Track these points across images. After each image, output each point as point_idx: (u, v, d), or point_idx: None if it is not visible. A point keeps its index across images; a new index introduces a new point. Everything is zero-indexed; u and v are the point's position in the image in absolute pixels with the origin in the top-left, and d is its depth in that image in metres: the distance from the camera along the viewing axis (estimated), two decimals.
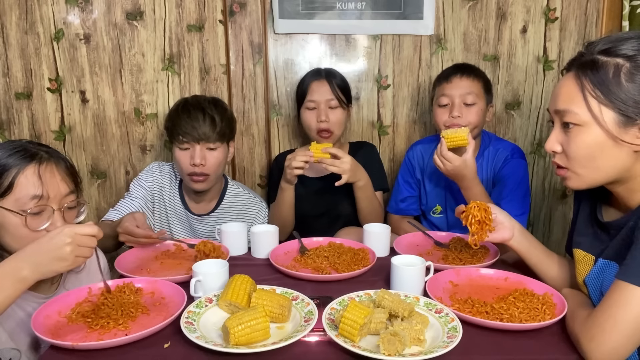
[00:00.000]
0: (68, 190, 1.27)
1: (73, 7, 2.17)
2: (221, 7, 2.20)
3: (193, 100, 1.87)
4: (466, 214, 1.34)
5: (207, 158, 1.80)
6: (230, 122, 1.88)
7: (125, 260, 1.51)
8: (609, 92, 1.05)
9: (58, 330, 1.11)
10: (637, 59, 1.04)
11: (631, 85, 1.04)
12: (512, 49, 2.27)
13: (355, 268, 1.43)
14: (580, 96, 1.09)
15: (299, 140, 2.35)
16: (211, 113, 1.80)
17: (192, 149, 1.79)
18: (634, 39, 1.07)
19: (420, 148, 2.09)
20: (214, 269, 1.33)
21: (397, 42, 2.27)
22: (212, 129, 1.79)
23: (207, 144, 1.79)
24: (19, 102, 2.24)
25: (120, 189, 2.35)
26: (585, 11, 2.24)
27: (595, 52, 1.09)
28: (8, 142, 1.29)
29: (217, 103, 1.88)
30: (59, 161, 1.27)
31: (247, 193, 2.02)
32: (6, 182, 1.19)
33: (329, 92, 2.00)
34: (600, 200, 1.22)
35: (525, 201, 1.84)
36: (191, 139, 1.78)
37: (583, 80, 1.09)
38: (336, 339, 1.04)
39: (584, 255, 1.23)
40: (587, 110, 1.08)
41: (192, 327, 1.10)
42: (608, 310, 1.01)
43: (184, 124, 1.78)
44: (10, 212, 1.19)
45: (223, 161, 1.87)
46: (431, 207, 2.04)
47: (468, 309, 1.19)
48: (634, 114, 1.04)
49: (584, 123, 1.09)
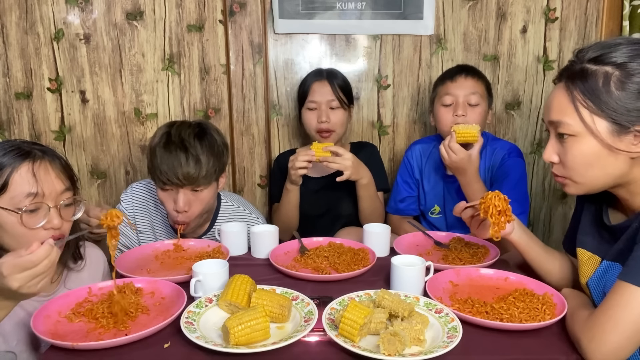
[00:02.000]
0: (63, 188, 1.26)
1: (73, 7, 2.17)
2: (221, 7, 2.20)
3: (176, 134, 1.60)
4: (485, 205, 1.27)
5: (192, 202, 1.60)
6: (219, 158, 1.64)
7: (125, 260, 1.50)
8: (600, 102, 1.05)
9: (58, 330, 1.11)
10: (626, 66, 1.03)
11: (622, 93, 1.03)
12: (512, 49, 2.27)
13: (355, 268, 1.43)
14: (571, 107, 1.08)
15: (299, 140, 2.35)
16: (196, 153, 1.56)
17: (175, 193, 1.59)
18: (624, 45, 1.05)
19: (419, 148, 2.09)
20: (214, 269, 1.33)
21: (397, 42, 2.27)
22: (197, 171, 1.55)
23: (192, 186, 1.58)
24: (19, 102, 2.24)
25: (120, 189, 2.35)
26: (585, 11, 2.24)
27: (585, 61, 1.08)
28: (3, 142, 1.29)
29: (204, 136, 1.62)
30: (53, 159, 1.27)
31: (243, 209, 1.85)
32: (0, 181, 1.19)
33: (330, 93, 2.00)
34: (606, 203, 1.22)
35: (524, 200, 1.84)
36: (172, 184, 1.56)
37: (573, 91, 1.08)
38: (336, 339, 1.04)
39: (589, 257, 1.22)
40: (580, 120, 1.07)
41: (192, 327, 1.10)
42: (609, 311, 1.00)
43: (164, 167, 1.55)
44: (6, 211, 1.19)
45: (211, 201, 1.68)
46: (429, 207, 2.04)
47: (468, 309, 1.19)
48: (627, 122, 1.04)
49: (578, 133, 1.08)
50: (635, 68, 1.03)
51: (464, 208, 1.38)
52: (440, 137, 1.99)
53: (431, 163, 2.04)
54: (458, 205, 1.40)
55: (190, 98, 2.28)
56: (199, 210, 1.63)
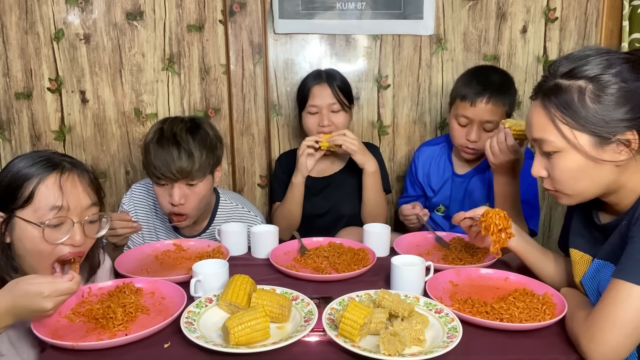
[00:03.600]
0: (90, 203, 1.23)
1: (73, 7, 2.17)
2: (221, 7, 2.20)
3: (168, 129, 1.63)
4: (487, 223, 1.30)
5: (188, 196, 1.62)
6: (212, 151, 1.65)
7: (125, 260, 1.50)
8: (578, 117, 1.06)
9: (58, 330, 1.11)
10: (599, 79, 1.04)
11: (598, 106, 1.04)
12: (512, 49, 2.27)
13: (355, 268, 1.43)
14: (551, 124, 1.09)
15: (299, 141, 2.35)
16: (188, 147, 1.58)
17: (170, 187, 1.61)
18: (593, 56, 1.06)
19: (426, 150, 2.08)
20: (214, 269, 1.33)
21: (397, 42, 2.27)
22: (191, 165, 1.57)
23: (186, 180, 1.60)
24: (19, 102, 2.24)
25: (120, 189, 2.35)
26: (585, 11, 2.24)
27: (558, 76, 1.09)
28: (33, 152, 1.26)
29: (196, 131, 1.65)
30: (82, 172, 1.24)
31: (241, 207, 1.86)
32: (26, 192, 1.16)
33: (331, 96, 1.97)
34: (595, 207, 1.23)
35: (536, 202, 1.84)
36: (166, 179, 1.59)
37: (550, 108, 1.09)
38: (336, 339, 1.04)
39: (581, 256, 1.23)
40: (561, 137, 1.09)
41: (192, 327, 1.10)
42: (606, 310, 1.01)
43: (157, 162, 1.57)
44: (29, 224, 1.16)
45: (207, 194, 1.69)
46: (435, 206, 2.04)
47: (468, 309, 1.19)
48: (607, 134, 1.04)
49: (562, 149, 1.09)
50: (608, 80, 1.04)
51: (463, 218, 1.39)
52: (448, 137, 1.98)
53: (439, 163, 2.04)
54: (457, 215, 1.41)
55: (190, 98, 2.28)
56: (195, 203, 1.65)
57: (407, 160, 2.39)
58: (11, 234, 1.19)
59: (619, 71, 1.04)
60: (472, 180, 1.94)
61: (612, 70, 1.04)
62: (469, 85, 1.81)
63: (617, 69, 1.04)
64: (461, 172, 1.97)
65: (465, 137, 1.83)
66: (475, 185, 1.93)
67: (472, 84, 1.80)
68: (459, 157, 1.97)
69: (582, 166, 1.08)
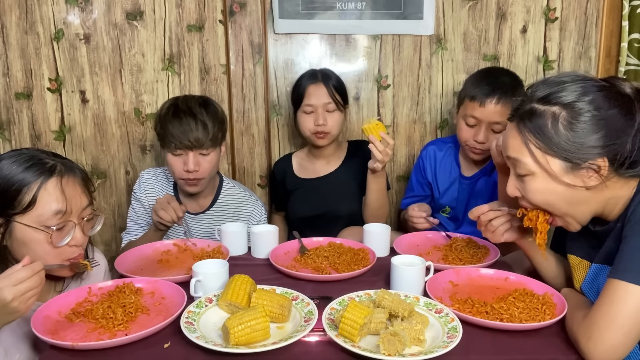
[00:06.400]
0: (87, 203, 1.26)
1: (73, 7, 2.17)
2: (221, 7, 2.20)
3: (183, 103, 1.80)
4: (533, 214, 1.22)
5: (201, 163, 1.77)
6: (222, 124, 1.84)
7: (125, 260, 1.50)
8: (550, 143, 1.07)
9: (58, 330, 1.11)
10: (574, 106, 1.06)
11: (571, 133, 1.06)
12: (512, 49, 2.27)
13: (355, 268, 1.43)
14: (525, 148, 1.11)
15: (298, 140, 2.35)
16: (203, 119, 1.75)
17: (185, 156, 1.76)
18: (569, 83, 1.08)
19: (433, 149, 2.07)
20: (214, 269, 1.33)
21: (397, 42, 2.27)
22: (205, 135, 1.74)
23: (200, 150, 1.76)
24: (19, 102, 2.24)
25: (121, 189, 2.35)
26: (585, 11, 2.24)
27: (534, 100, 1.10)
28: (14, 152, 1.23)
29: (208, 105, 1.82)
30: (75, 172, 1.25)
31: (243, 191, 2.00)
32: (27, 198, 1.16)
33: (326, 96, 1.97)
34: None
35: None
36: (184, 147, 1.74)
37: (525, 132, 1.11)
38: (336, 339, 1.05)
39: (578, 262, 1.24)
40: (534, 161, 1.10)
41: (192, 327, 1.10)
42: (603, 309, 1.02)
43: (175, 132, 1.73)
44: (33, 229, 1.17)
45: (216, 163, 1.85)
46: (441, 207, 2.04)
47: (468, 309, 1.19)
48: (579, 160, 1.06)
49: (533, 172, 1.11)
50: (582, 107, 1.05)
51: (487, 211, 1.34)
52: (455, 138, 1.97)
53: (446, 164, 2.03)
54: (480, 207, 1.36)
55: None
56: (207, 171, 1.80)
57: (407, 160, 2.39)
58: (8, 238, 1.19)
59: (593, 99, 1.05)
60: (479, 182, 1.93)
61: (587, 97, 1.06)
62: (479, 86, 1.80)
63: (591, 96, 1.06)
64: (468, 174, 1.97)
65: (473, 138, 1.82)
66: (481, 188, 1.93)
67: (481, 85, 1.79)
68: (466, 158, 1.96)
69: (552, 190, 1.11)
